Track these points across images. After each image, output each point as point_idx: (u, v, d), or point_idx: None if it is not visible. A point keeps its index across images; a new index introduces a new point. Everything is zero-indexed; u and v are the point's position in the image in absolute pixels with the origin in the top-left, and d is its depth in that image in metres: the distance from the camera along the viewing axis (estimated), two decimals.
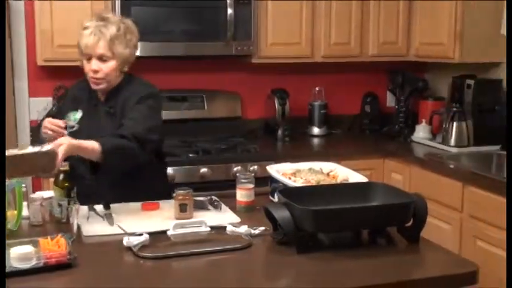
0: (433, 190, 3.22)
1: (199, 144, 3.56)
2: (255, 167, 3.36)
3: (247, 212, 2.30)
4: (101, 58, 2.35)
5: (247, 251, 1.93)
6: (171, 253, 1.88)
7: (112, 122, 2.38)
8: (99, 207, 2.26)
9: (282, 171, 2.43)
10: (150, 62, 3.79)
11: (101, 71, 2.36)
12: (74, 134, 2.32)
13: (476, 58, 3.62)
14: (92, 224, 2.14)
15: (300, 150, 3.67)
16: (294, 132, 3.94)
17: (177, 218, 2.18)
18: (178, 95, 3.85)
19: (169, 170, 3.26)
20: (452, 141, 3.54)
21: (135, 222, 2.15)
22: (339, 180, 2.35)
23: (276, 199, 2.23)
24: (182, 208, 2.20)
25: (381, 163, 3.66)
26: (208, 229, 2.02)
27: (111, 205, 2.28)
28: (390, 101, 4.32)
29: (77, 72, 2.50)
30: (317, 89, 4.10)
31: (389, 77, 4.13)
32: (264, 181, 2.54)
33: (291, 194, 1.99)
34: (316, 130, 4.07)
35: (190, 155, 3.38)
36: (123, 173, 2.33)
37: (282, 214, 1.89)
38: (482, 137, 3.51)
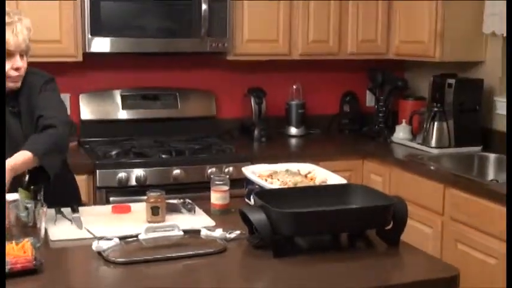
0: (413, 192, 3.24)
1: (172, 145, 3.55)
2: (230, 168, 3.36)
3: (222, 215, 2.30)
4: (21, 54, 2.27)
5: (222, 255, 1.93)
6: (143, 258, 1.87)
7: (19, 122, 2.29)
8: (67, 210, 2.24)
9: (258, 172, 2.43)
10: (120, 59, 3.77)
11: (22, 67, 2.28)
12: None
13: (457, 57, 3.66)
14: (60, 227, 2.12)
15: (276, 151, 3.68)
16: (271, 133, 3.94)
17: (149, 222, 2.17)
18: (150, 93, 3.83)
19: (141, 171, 3.26)
20: (433, 142, 3.57)
21: (104, 226, 2.14)
22: (317, 182, 2.36)
23: (252, 202, 2.23)
24: (154, 211, 2.19)
25: (360, 164, 3.69)
26: (182, 233, 2.02)
27: (80, 208, 2.26)
28: (370, 100, 4.34)
29: (43, 68, 2.47)
30: (295, 87, 4.11)
31: (369, 76, 4.15)
32: (239, 183, 2.54)
33: (268, 196, 2.00)
34: (293, 130, 4.08)
35: (163, 156, 3.37)
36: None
37: (258, 217, 1.89)
38: (463, 138, 3.55)
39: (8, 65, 2.24)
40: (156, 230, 2.01)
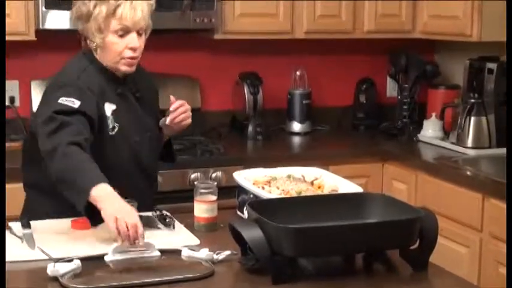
0: (445, 203, 3.25)
1: None
2: (219, 173, 3.36)
3: (208, 232, 2.31)
4: (138, 32, 2.43)
5: (209, 281, 1.93)
6: (110, 284, 1.87)
7: (144, 109, 2.53)
8: (16, 226, 2.24)
9: (253, 179, 2.44)
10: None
11: (139, 48, 2.44)
12: (117, 136, 2.39)
13: (499, 36, 3.66)
14: (8, 247, 2.11)
15: (276, 152, 3.68)
16: (269, 129, 3.95)
17: (118, 240, 2.17)
18: None
19: None
20: (470, 141, 3.57)
21: (62, 245, 2.14)
22: (325, 191, 2.37)
23: (245, 215, 2.23)
24: None
25: (379, 168, 3.70)
26: (158, 254, 2.02)
27: (32, 222, 2.26)
28: (391, 89, 4.35)
29: None
30: (298, 74, 4.11)
31: (390, 59, 4.16)
32: (230, 192, 2.54)
33: (265, 208, 2.00)
34: (296, 126, 4.08)
35: None
36: None
37: (253, 234, 1.89)
38: (506, 136, 3.56)
39: (121, 44, 2.39)
40: (126, 250, 2.00)
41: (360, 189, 2.33)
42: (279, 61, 4.15)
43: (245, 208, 2.17)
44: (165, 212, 2.38)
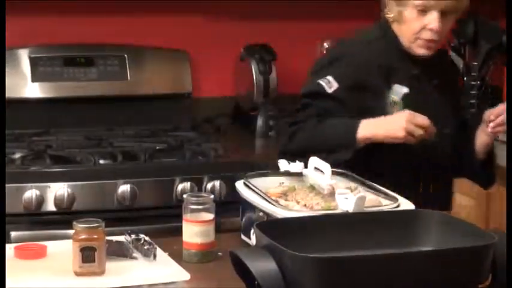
0: None
1: (116, 142, 3.57)
2: (216, 182, 3.37)
3: (202, 263, 2.32)
4: (443, 12, 2.77)
5: None
6: None
7: (440, 99, 2.93)
8: None
9: (263, 189, 2.44)
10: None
11: (440, 31, 2.79)
12: None
13: None
14: None
15: None
16: (285, 123, 3.96)
17: (78, 273, 2.18)
18: (79, 55, 3.85)
19: (64, 188, 3.26)
20: None
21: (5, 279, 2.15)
22: None
23: (252, 240, 2.24)
24: (86, 256, 2.19)
25: None
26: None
27: None
28: None
29: None
30: (326, 45, 4.12)
31: (452, 27, 4.16)
32: (231, 208, 2.56)
33: (280, 230, 2.00)
34: None
35: (101, 162, 3.38)
36: None
37: (263, 266, 1.90)
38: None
39: (419, 22, 2.80)
40: None
41: (410, 205, 2.34)
42: (300, 28, 4.16)
43: (252, 231, 2.18)
44: (142, 236, 2.39)
